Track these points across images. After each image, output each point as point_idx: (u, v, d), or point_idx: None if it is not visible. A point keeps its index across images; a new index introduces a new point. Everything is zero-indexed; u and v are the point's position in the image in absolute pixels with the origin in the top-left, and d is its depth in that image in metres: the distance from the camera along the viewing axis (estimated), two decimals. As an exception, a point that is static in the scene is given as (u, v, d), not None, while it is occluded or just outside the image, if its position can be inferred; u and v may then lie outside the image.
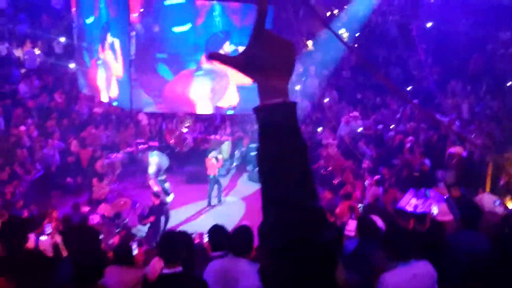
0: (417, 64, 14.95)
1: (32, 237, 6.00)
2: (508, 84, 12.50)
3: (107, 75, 11.29)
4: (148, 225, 9.98)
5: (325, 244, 1.16)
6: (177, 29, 10.33)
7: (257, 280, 3.31)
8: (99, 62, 11.50)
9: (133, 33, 9.93)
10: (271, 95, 1.17)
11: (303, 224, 1.15)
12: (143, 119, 15.13)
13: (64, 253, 5.45)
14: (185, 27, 10.29)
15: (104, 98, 12.07)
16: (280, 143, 1.16)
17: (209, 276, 3.41)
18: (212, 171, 11.98)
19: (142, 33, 10.05)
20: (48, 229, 6.47)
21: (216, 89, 10.84)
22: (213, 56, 1.24)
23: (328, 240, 1.18)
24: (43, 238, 4.91)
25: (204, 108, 11.21)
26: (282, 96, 1.17)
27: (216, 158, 11.90)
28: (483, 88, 13.03)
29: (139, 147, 13.84)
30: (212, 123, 16.02)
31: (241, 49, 1.27)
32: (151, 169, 10.37)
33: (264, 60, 1.18)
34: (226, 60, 1.23)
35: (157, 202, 10.10)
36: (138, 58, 10.20)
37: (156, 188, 10.25)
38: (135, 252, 4.02)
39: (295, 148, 1.18)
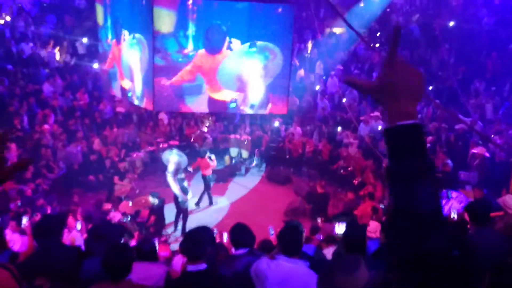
0: (440, 63, 14.79)
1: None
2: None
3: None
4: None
5: (456, 257, 1.25)
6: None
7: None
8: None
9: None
10: (402, 117, 1.27)
11: (435, 237, 1.23)
12: (164, 118, 15.28)
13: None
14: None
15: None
16: (412, 161, 1.25)
17: (262, 279, 3.29)
18: (207, 171, 11.85)
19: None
20: (78, 225, 6.61)
21: (269, 67, 10.85)
22: (349, 80, 1.38)
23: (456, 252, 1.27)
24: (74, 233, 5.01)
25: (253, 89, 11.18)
26: (413, 118, 1.28)
27: (210, 158, 11.86)
28: (506, 88, 12.84)
29: (160, 146, 13.99)
30: (232, 122, 16.08)
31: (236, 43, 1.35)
32: (170, 168, 10.45)
33: (398, 86, 1.28)
34: (361, 85, 1.37)
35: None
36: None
37: (173, 186, 10.35)
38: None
39: (425, 165, 1.25)
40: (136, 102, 11.87)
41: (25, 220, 7.21)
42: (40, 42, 16.72)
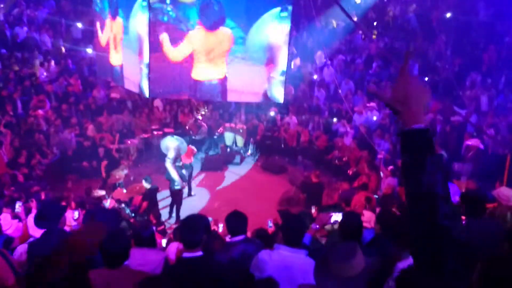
0: (437, 55, 14.80)
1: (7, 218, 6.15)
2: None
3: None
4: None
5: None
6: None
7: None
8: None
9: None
10: (413, 122, 1.61)
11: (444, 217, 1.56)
12: (159, 105, 15.22)
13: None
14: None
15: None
16: (423, 157, 1.57)
17: (263, 268, 3.31)
18: (188, 159, 11.75)
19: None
20: (76, 214, 6.59)
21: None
22: (373, 93, 1.78)
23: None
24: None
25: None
26: (422, 122, 1.62)
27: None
28: (502, 81, 12.87)
29: (155, 133, 13.95)
30: (227, 111, 16.06)
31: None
32: (171, 154, 10.41)
33: (411, 97, 1.63)
34: (382, 96, 1.72)
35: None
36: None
37: (172, 173, 10.32)
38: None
39: (435, 159, 1.57)
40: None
41: (18, 206, 7.19)
42: (35, 26, 16.54)
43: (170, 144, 10.50)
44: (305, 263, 3.25)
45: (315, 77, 16.27)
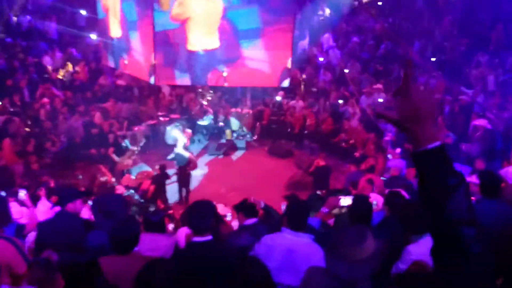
0: (443, 35, 14.64)
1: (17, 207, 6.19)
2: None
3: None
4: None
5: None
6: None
7: (322, 252, 3.25)
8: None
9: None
10: (428, 140, 1.40)
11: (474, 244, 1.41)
12: (166, 91, 15.21)
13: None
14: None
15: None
16: (443, 179, 1.39)
17: (268, 251, 3.35)
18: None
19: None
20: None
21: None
22: (381, 115, 1.52)
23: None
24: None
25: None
26: (436, 139, 1.41)
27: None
28: (509, 61, 12.73)
29: (161, 119, 13.97)
30: (233, 96, 16.02)
31: None
32: (181, 142, 10.57)
33: (421, 110, 1.41)
34: (389, 118, 1.50)
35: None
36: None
37: (186, 154, 10.48)
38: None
39: (456, 180, 1.39)
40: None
41: (23, 194, 7.20)
42: (40, 14, 16.49)
43: (177, 133, 10.61)
44: (309, 247, 3.28)
45: (321, 59, 16.15)
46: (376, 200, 6.38)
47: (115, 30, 11.56)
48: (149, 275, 2.43)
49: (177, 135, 10.67)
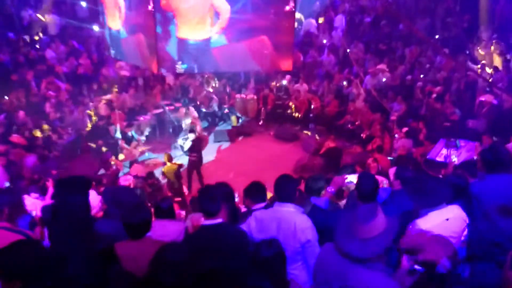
0: (446, 12, 14.49)
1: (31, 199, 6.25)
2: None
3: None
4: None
5: None
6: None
7: (309, 221, 3.49)
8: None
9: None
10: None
11: None
12: (170, 79, 15.21)
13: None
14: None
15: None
16: None
17: (258, 224, 3.56)
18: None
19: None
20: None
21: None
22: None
23: None
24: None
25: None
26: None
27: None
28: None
29: (166, 108, 13.99)
30: (237, 82, 16.00)
31: None
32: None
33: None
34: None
35: None
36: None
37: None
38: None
39: None
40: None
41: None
42: (41, 7, 16.47)
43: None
44: (293, 215, 3.51)
45: (324, 41, 16.04)
46: (382, 181, 6.42)
47: (114, 21, 11.52)
48: (163, 258, 2.48)
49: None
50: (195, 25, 10.28)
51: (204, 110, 14.50)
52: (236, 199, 7.07)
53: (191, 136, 10.90)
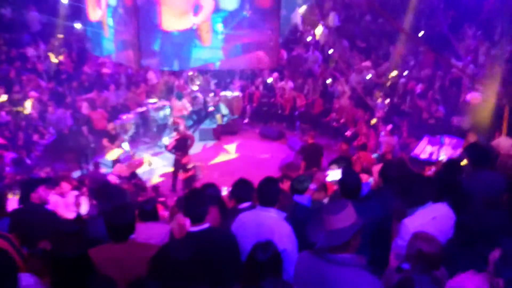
0: (430, 8, 14.54)
1: (55, 197, 6.13)
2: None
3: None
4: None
5: None
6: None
7: (288, 228, 3.40)
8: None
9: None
10: None
11: None
12: (153, 77, 15.03)
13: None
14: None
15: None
16: None
17: (241, 228, 3.47)
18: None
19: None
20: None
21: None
22: None
23: None
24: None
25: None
26: None
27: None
28: (498, 31, 12.69)
29: (150, 106, 13.82)
30: (223, 79, 15.90)
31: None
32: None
33: None
34: None
35: None
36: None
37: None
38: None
39: None
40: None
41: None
42: (21, 4, 16.14)
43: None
44: (274, 221, 3.44)
45: (309, 39, 16.00)
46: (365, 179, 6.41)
47: (94, 13, 11.30)
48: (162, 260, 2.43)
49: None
50: (180, 14, 10.17)
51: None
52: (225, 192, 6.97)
53: (174, 135, 10.78)
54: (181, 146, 10.64)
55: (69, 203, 6.22)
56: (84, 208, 6.17)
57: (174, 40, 10.26)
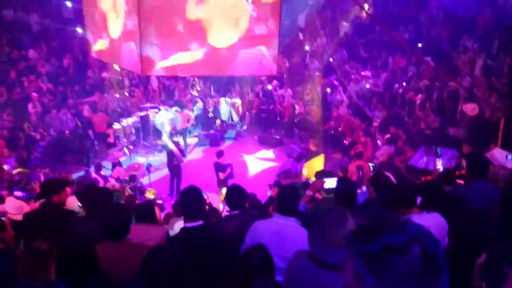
0: (429, 20, 14.69)
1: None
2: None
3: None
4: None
5: None
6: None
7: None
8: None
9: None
10: None
11: None
12: (154, 82, 15.14)
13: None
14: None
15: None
16: None
17: (258, 236, 3.37)
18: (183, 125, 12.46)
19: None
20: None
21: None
22: None
23: None
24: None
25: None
26: None
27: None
28: (495, 44, 12.80)
29: (151, 111, 13.90)
30: (222, 85, 16.00)
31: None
32: (167, 128, 10.55)
33: None
34: None
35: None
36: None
37: (171, 146, 10.48)
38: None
39: None
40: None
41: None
42: (23, 6, 16.29)
43: (165, 117, 10.56)
44: (294, 230, 3.33)
45: (307, 48, 16.12)
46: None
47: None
48: (152, 262, 2.48)
49: (164, 119, 10.67)
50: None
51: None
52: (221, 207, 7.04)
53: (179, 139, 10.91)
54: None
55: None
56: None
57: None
